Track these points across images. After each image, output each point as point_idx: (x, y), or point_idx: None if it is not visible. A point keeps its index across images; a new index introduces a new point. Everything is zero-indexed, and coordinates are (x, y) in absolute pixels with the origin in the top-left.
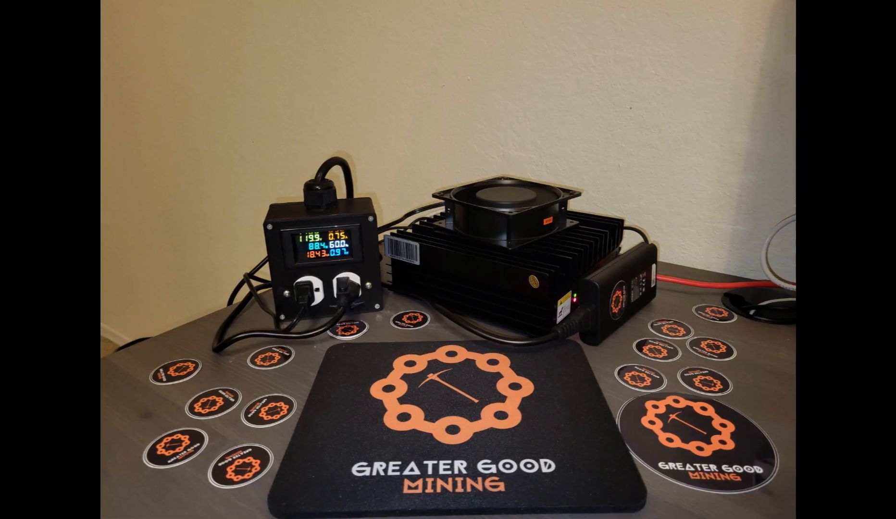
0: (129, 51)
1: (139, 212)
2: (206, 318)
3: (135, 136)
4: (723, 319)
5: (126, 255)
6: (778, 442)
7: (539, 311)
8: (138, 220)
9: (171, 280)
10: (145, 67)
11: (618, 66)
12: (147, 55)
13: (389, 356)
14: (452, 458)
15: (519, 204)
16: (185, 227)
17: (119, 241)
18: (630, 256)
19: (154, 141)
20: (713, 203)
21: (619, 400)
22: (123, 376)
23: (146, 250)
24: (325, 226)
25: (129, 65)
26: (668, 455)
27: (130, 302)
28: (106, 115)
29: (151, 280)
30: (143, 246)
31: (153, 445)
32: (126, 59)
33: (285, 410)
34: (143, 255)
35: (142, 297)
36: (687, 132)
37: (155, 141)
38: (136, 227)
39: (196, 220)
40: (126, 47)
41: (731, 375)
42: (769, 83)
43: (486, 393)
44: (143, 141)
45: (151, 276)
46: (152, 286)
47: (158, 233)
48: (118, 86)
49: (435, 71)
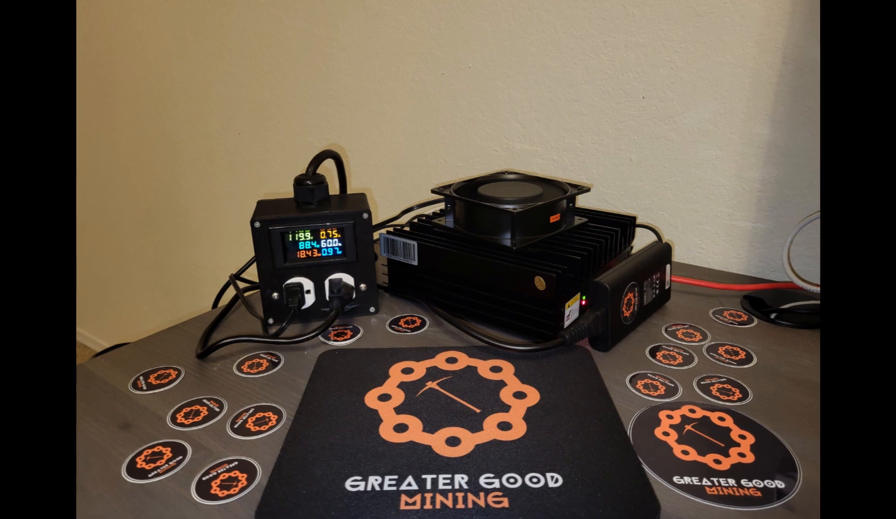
0: (107, 35)
1: (117, 208)
2: (189, 322)
3: (112, 128)
4: (742, 323)
5: (103, 254)
6: (801, 455)
7: (545, 314)
8: (116, 217)
9: (152, 281)
10: (124, 53)
11: (629, 53)
12: (125, 40)
13: (385, 363)
14: (453, 472)
15: (524, 200)
16: (166, 224)
17: (96, 240)
18: (643, 256)
19: (133, 132)
20: (732, 199)
21: (630, 410)
22: (101, 384)
23: (125, 249)
24: (316, 223)
25: (106, 50)
26: (684, 469)
27: (108, 305)
28: (82, 105)
29: (131, 281)
30: (121, 245)
31: (132, 458)
32: (103, 44)
33: (274, 420)
34: (122, 255)
35: (120, 299)
36: (703, 123)
37: (134, 132)
38: (114, 224)
39: (178, 217)
40: (103, 31)
41: (751, 383)
42: (791, 70)
43: (489, 402)
44: (122, 132)
45: (131, 277)
46: (132, 288)
47: (138, 231)
48: (94, 73)
49: (434, 57)
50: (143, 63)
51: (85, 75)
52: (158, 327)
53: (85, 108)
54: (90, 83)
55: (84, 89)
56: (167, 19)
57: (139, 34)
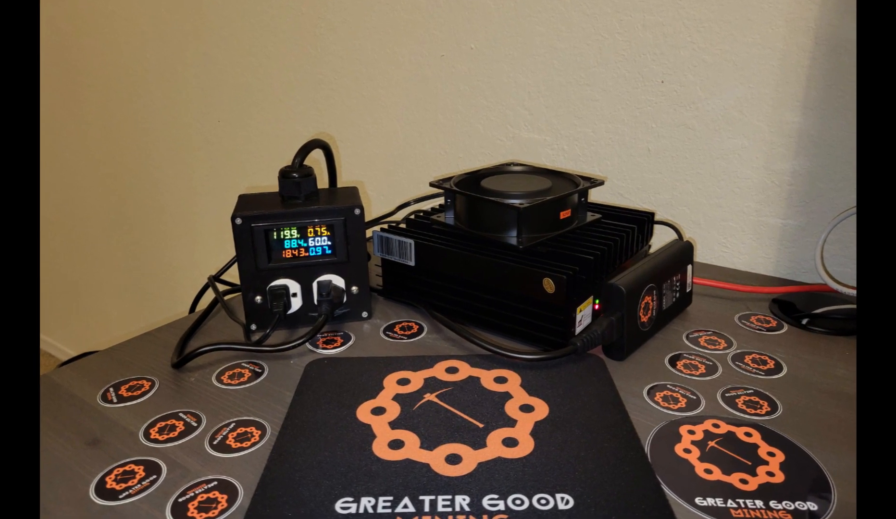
0: (74, 15)
1: (85, 204)
2: (163, 328)
3: (80, 116)
4: (770, 329)
5: (70, 254)
6: (835, 474)
7: (555, 320)
8: (84, 213)
9: (124, 284)
10: (92, 35)
11: (647, 33)
12: (94, 20)
13: (379, 373)
14: (453, 492)
15: (531, 194)
16: (139, 221)
17: (62, 239)
18: (662, 256)
19: (103, 121)
20: (759, 193)
21: (648, 424)
22: (67, 397)
23: (94, 249)
24: (303, 220)
25: (73, 32)
26: (707, 489)
27: (75, 309)
28: (46, 92)
29: (100, 284)
30: (90, 244)
31: (102, 477)
32: (70, 25)
33: (257, 436)
34: (91, 255)
35: (89, 303)
36: (728, 110)
37: (104, 121)
38: (82, 221)
39: (152, 213)
40: (70, 11)
41: (781, 395)
42: (824, 52)
43: (493, 416)
44: (91, 122)
45: (100, 278)
46: (101, 291)
47: (108, 229)
48: (60, 57)
49: (433, 38)
50: (114, 45)
51: (50, 59)
52: (130, 334)
53: (50, 95)
54: (55, 68)
55: (49, 75)
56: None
57: (109, 14)
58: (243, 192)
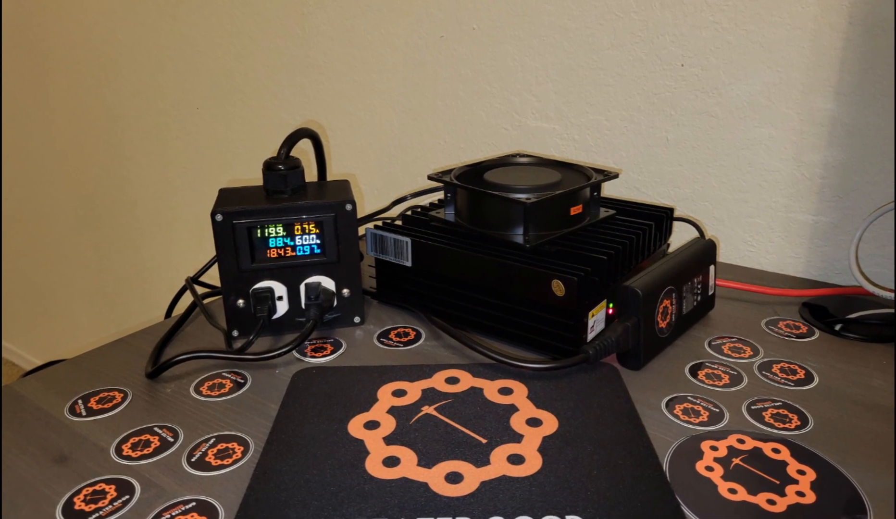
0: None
1: (51, 199)
2: (137, 334)
3: (45, 104)
4: (800, 335)
5: (35, 254)
6: (871, 494)
7: (565, 325)
8: (50, 210)
9: (93, 286)
10: (58, 14)
11: (666, 11)
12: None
13: (373, 383)
14: (454, 514)
15: (539, 188)
16: (109, 218)
17: (26, 237)
18: (681, 256)
19: (70, 109)
20: (788, 187)
21: (667, 440)
22: (32, 410)
23: (61, 248)
24: (290, 216)
25: (37, 11)
26: (731, 511)
27: (41, 314)
28: (7, 77)
29: (67, 286)
30: (56, 243)
31: (69, 497)
32: (33, 3)
33: (239, 452)
34: (57, 255)
35: (55, 308)
36: (754, 96)
37: (71, 109)
38: (47, 219)
39: (124, 209)
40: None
41: (812, 407)
42: (859, 33)
43: (497, 431)
44: (56, 109)
45: (67, 281)
46: (69, 294)
47: (76, 226)
48: (23, 38)
49: (431, 17)
50: (82, 25)
51: (11, 41)
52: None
53: (11, 80)
54: (17, 51)
55: (10, 58)
56: None
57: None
58: (224, 185)
